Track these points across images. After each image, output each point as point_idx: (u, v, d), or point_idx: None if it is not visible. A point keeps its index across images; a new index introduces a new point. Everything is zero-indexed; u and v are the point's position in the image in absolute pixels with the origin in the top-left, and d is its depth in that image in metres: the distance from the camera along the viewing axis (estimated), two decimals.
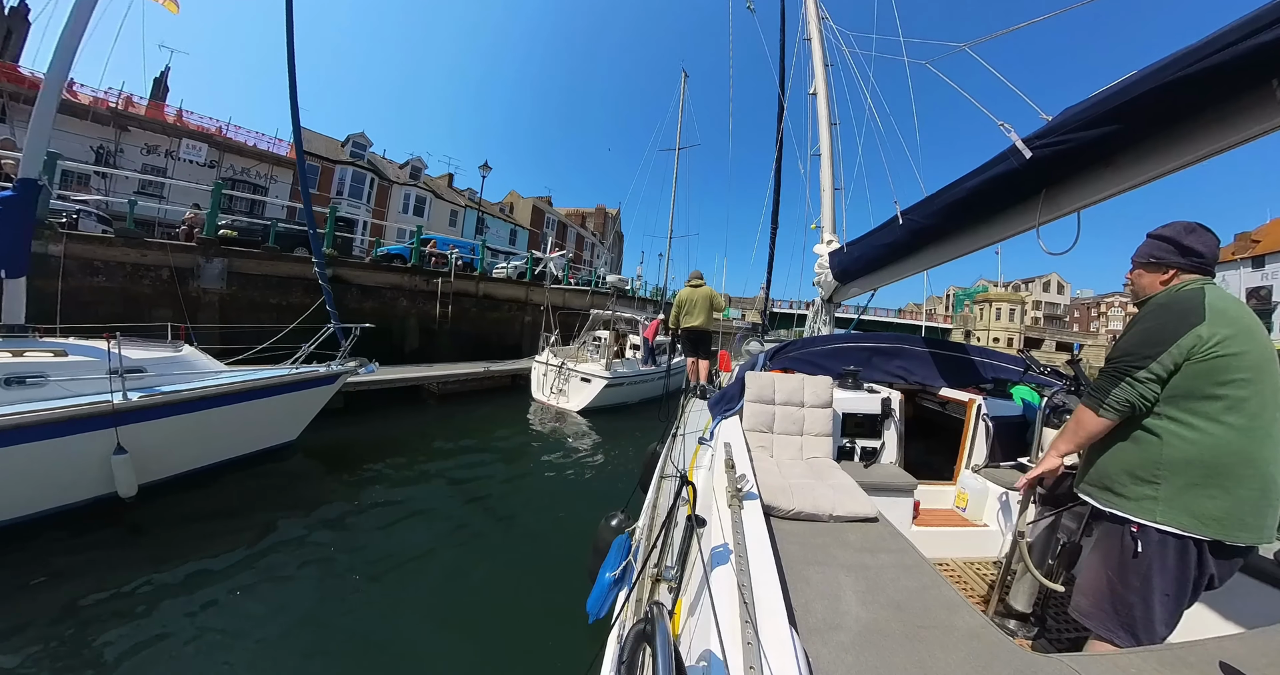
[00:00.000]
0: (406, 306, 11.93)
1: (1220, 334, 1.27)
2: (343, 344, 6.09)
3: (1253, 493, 1.25)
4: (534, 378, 10.22)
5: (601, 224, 46.50)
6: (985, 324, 43.58)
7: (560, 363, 9.65)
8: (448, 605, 3.37)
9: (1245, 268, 31.05)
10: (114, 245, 8.09)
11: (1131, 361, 1.36)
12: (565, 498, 5.55)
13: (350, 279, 10.96)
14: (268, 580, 3.43)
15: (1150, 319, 1.40)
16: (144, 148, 18.80)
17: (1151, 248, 1.49)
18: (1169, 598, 1.30)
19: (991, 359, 3.77)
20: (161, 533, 3.91)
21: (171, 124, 19.26)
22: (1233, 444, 1.26)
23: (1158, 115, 1.67)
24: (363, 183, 24.99)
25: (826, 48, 6.21)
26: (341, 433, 6.81)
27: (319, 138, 25.15)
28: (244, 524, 4.15)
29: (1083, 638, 1.51)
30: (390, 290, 11.72)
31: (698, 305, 6.69)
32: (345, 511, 4.59)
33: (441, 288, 12.55)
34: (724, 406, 3.07)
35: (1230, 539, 1.25)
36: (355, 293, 11.01)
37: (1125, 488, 1.38)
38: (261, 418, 5.24)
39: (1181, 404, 1.31)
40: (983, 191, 2.38)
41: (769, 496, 1.89)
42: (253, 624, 2.95)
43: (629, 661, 0.86)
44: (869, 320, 36.25)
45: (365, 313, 10.45)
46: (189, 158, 19.48)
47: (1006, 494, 2.69)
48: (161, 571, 3.36)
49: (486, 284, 14.12)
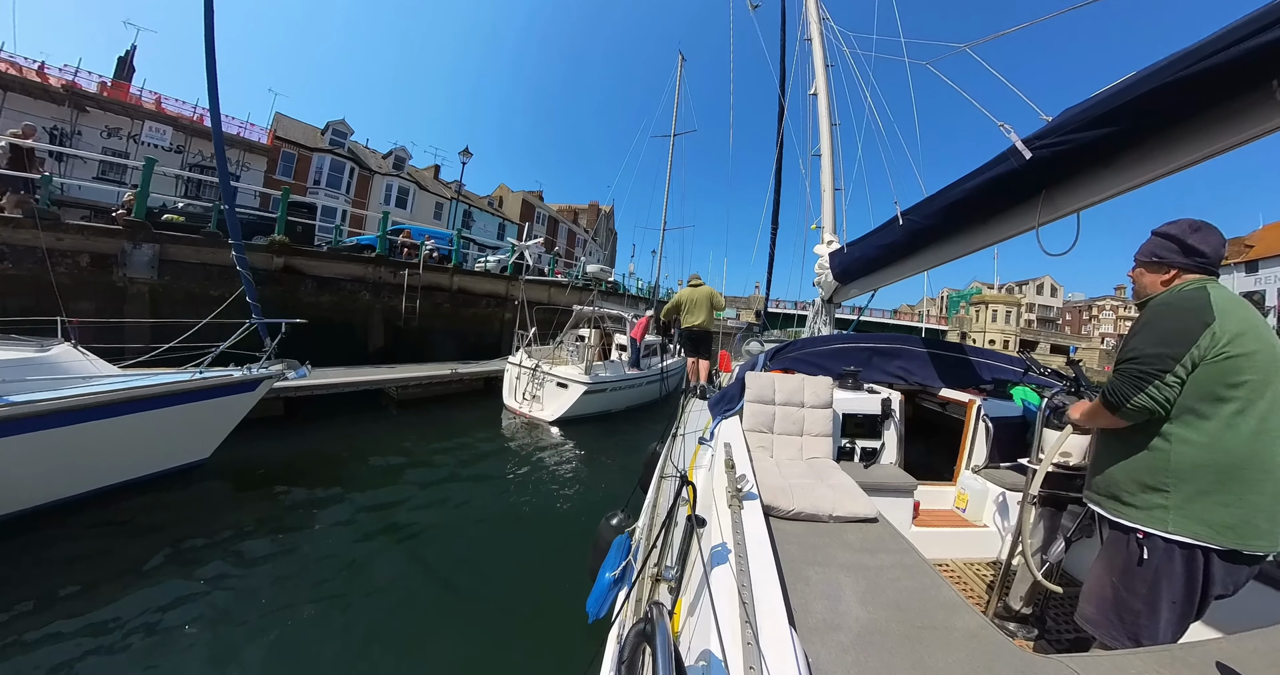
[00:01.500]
0: (370, 301, 10.73)
1: (1230, 333, 1.23)
2: (267, 343, 5.10)
3: (1266, 498, 1.21)
4: (506, 381, 9.01)
5: (594, 221, 45.80)
6: (981, 326, 43.25)
7: (534, 365, 8.45)
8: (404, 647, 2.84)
9: (1239, 272, 30.85)
10: (23, 227, 6.92)
11: (1156, 364, 1.28)
12: (514, 540, 4.39)
13: (305, 269, 9.70)
14: (146, 642, 2.63)
15: (1163, 318, 1.33)
16: (104, 130, 17.56)
17: (1155, 246, 1.45)
18: (1175, 605, 1.26)
19: (991, 360, 3.77)
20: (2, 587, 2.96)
21: (133, 105, 17.97)
22: (1244, 448, 1.21)
23: (1158, 116, 1.67)
24: (341, 172, 23.73)
25: (827, 48, 6.22)
26: (272, 448, 5.78)
27: (297, 125, 24.22)
28: (118, 569, 3.24)
29: (1083, 638, 1.51)
30: (351, 283, 10.44)
31: (699, 304, 6.71)
32: (257, 549, 3.71)
33: (409, 280, 11.20)
34: (724, 406, 3.08)
35: (1247, 548, 1.21)
36: (310, 285, 9.75)
37: (1134, 497, 1.33)
38: (157, 433, 4.30)
39: (1190, 408, 1.26)
40: (983, 192, 2.39)
41: (769, 497, 1.89)
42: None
43: (629, 661, 0.86)
44: (865, 321, 36.28)
45: (322, 308, 9.71)
46: (152, 141, 18.15)
47: (1006, 495, 2.69)
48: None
49: (462, 277, 12.74)
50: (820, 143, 5.90)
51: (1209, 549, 1.23)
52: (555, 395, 8.25)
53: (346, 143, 25.26)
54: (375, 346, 10.76)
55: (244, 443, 5.19)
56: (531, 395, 8.45)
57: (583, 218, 45.44)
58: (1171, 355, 1.26)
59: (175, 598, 3.05)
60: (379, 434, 7.02)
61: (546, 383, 8.39)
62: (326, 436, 6.61)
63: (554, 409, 8.11)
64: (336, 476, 5.26)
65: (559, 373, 8.30)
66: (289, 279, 9.51)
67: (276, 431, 6.33)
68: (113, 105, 17.69)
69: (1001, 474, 2.78)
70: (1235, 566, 1.25)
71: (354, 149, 25.65)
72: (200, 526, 3.91)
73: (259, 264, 8.75)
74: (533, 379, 8.47)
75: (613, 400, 8.78)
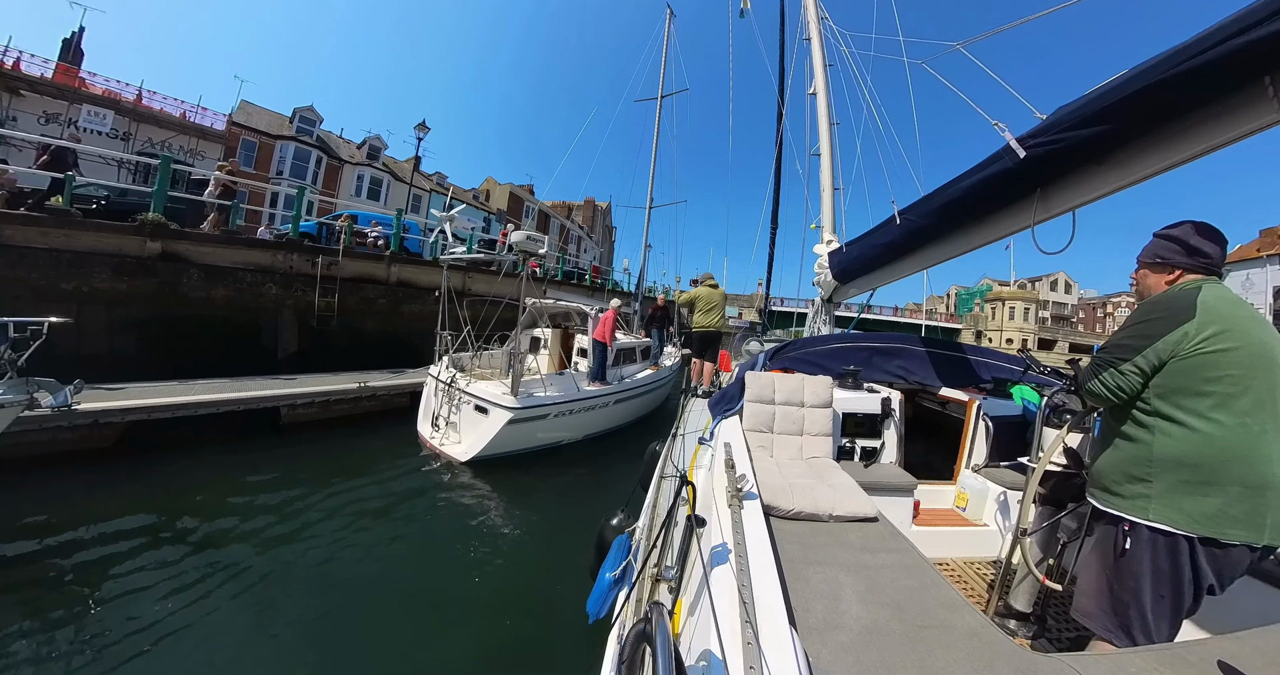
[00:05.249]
0: (279, 295, 8.65)
1: (1209, 331, 1.27)
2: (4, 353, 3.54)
3: (1245, 490, 1.24)
4: (423, 400, 6.80)
5: (590, 217, 44.36)
6: (997, 324, 40.91)
7: (450, 378, 6.24)
8: None
9: (1273, 265, 29.89)
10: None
11: (1117, 353, 1.41)
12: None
13: (191, 256, 7.75)
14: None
15: (1142, 315, 1.43)
16: (42, 116, 15.92)
17: (1157, 248, 1.49)
18: (1164, 599, 1.28)
19: (991, 359, 3.78)
20: None
21: (68, 86, 16.14)
22: (1221, 441, 1.25)
23: (1151, 113, 1.67)
24: (306, 161, 21.89)
25: (826, 48, 6.23)
26: (72, 495, 4.22)
27: (263, 112, 22.61)
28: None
29: (1083, 637, 1.51)
30: (253, 273, 8.37)
31: (716, 306, 6.61)
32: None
33: (324, 269, 9.00)
34: (724, 406, 3.08)
35: (1224, 537, 1.24)
36: (197, 276, 7.77)
37: (1120, 487, 1.39)
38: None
39: (1171, 401, 1.32)
40: (978, 191, 2.40)
41: (769, 496, 1.89)
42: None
43: (629, 661, 0.87)
44: (874, 320, 35.43)
45: (214, 304, 7.92)
46: (90, 126, 16.33)
47: (1006, 494, 2.69)
48: None
49: (404, 268, 10.46)
50: (820, 142, 5.91)
51: (1189, 538, 1.27)
52: (474, 424, 5.91)
53: (315, 131, 23.38)
54: (287, 351, 8.70)
55: (31, 486, 4.12)
56: (447, 421, 6.19)
57: (578, 214, 43.75)
58: (1134, 346, 1.37)
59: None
60: (228, 473, 4.96)
61: (465, 405, 6.07)
62: (157, 478, 4.70)
63: (470, 444, 5.75)
64: (134, 542, 3.68)
65: (478, 391, 5.92)
66: (168, 268, 7.54)
67: (90, 471, 4.64)
68: (46, 88, 15.83)
69: (1001, 473, 2.78)
70: (1220, 557, 1.27)
71: (323, 137, 23.84)
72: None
73: (127, 249, 7.08)
74: (448, 398, 6.22)
75: (558, 429, 6.29)
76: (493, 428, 5.64)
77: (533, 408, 5.83)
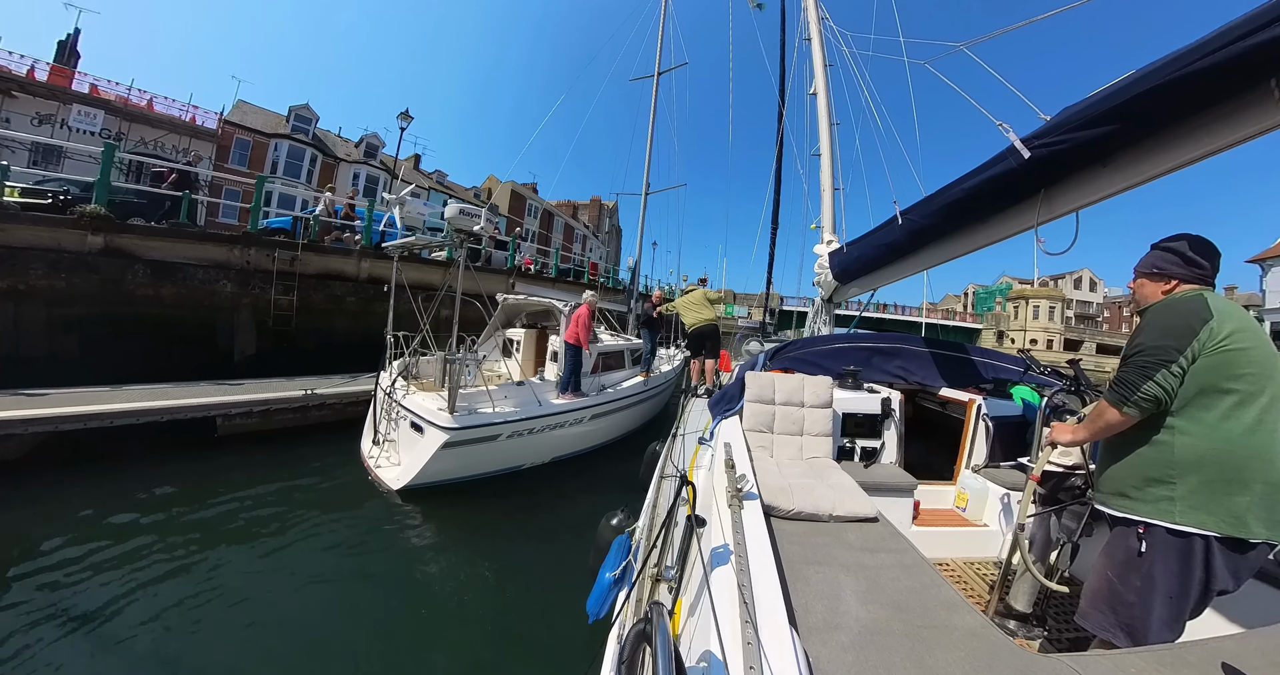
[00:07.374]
0: (235, 294, 7.99)
1: (1227, 328, 1.29)
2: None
3: (1269, 487, 1.25)
4: (369, 413, 5.75)
5: (596, 217, 43.92)
6: (1021, 323, 38.29)
7: (390, 387, 5.40)
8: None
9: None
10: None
11: (1159, 355, 1.33)
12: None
13: (137, 251, 7.15)
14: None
15: (1164, 317, 1.40)
16: (34, 117, 16.06)
17: (1155, 258, 1.51)
18: (1172, 600, 1.28)
19: (991, 359, 3.78)
20: None
21: (58, 87, 16.36)
22: (1244, 440, 1.26)
23: (1156, 115, 1.67)
24: (301, 159, 21.70)
25: (826, 48, 6.23)
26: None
27: (259, 111, 22.62)
28: None
29: (1082, 637, 1.51)
30: (206, 269, 7.74)
31: (697, 303, 6.56)
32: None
33: (282, 264, 8.33)
34: (724, 406, 3.08)
35: (1251, 536, 1.24)
36: (143, 272, 7.15)
37: (1140, 492, 1.37)
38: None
39: (1192, 401, 1.31)
40: (982, 191, 2.39)
41: (769, 496, 1.89)
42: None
43: (629, 661, 0.86)
44: (889, 320, 34.07)
45: (163, 302, 7.35)
46: (81, 126, 16.48)
47: (1007, 494, 2.69)
48: None
49: (375, 263, 9.52)
50: (820, 142, 5.91)
51: (1212, 539, 1.26)
52: (411, 444, 4.97)
53: (311, 129, 23.20)
54: (244, 354, 8.04)
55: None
56: (386, 439, 5.33)
57: (583, 213, 43.14)
58: (1175, 346, 1.32)
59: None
60: (135, 493, 4.36)
61: (402, 421, 5.15)
62: (54, 497, 4.15)
63: (407, 467, 4.78)
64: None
65: (414, 404, 4.96)
66: (111, 264, 6.96)
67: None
68: (38, 88, 15.90)
69: (1001, 473, 2.78)
70: (1238, 557, 1.27)
71: (319, 136, 23.97)
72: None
73: (66, 244, 6.59)
74: (387, 413, 5.38)
75: (519, 452, 5.26)
76: (426, 452, 4.62)
77: (477, 427, 4.71)
